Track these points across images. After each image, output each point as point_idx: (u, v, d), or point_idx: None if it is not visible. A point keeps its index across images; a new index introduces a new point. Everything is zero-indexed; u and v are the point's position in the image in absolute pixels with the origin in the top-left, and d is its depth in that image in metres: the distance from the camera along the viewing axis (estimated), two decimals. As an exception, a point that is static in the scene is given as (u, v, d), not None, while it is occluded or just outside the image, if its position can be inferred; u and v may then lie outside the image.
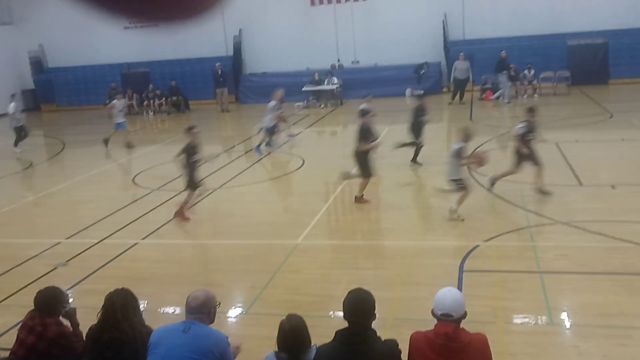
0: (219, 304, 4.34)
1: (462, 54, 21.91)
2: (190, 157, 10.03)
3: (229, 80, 25.36)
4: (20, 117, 18.42)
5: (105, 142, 17.65)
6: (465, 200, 9.19)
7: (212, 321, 4.22)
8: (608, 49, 23.04)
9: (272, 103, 16.09)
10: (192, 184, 10.18)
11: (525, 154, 10.02)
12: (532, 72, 22.29)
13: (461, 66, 21.63)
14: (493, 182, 10.48)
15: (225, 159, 15.68)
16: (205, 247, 9.16)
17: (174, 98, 25.41)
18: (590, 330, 5.97)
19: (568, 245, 8.20)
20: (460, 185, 9.21)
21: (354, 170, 10.76)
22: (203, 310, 4.14)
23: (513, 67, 22.31)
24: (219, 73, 24.62)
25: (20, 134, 18.25)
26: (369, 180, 10.38)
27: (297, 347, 4.06)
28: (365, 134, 10.41)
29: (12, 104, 18.22)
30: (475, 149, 10.60)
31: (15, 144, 18.22)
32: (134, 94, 26.17)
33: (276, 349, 4.15)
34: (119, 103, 18.11)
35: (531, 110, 10.36)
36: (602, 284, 6.96)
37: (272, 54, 26.35)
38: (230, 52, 26.97)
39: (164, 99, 25.57)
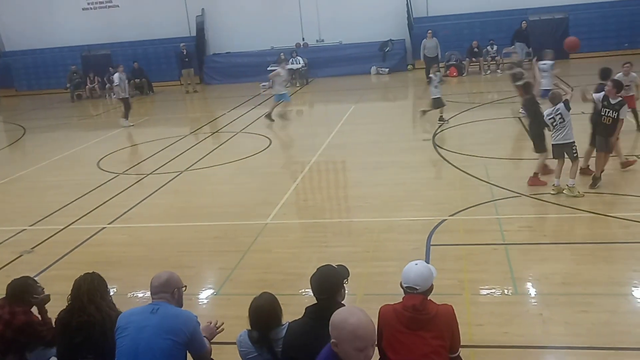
0: (185, 287, 4.33)
1: (430, 31, 21.92)
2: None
3: (194, 61, 25.02)
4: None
5: (269, 116, 16.24)
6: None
7: (178, 303, 4.19)
8: (568, 24, 23.38)
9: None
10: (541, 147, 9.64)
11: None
12: (495, 48, 22.53)
13: (430, 44, 21.68)
14: (627, 165, 9.96)
15: (192, 141, 15.53)
16: (173, 230, 9.11)
17: (137, 80, 24.95)
18: (553, 298, 6.15)
19: (532, 217, 8.40)
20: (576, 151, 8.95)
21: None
22: (166, 289, 4.12)
23: (476, 44, 22.51)
24: (184, 53, 24.24)
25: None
26: (545, 157, 9.61)
27: (268, 324, 4.10)
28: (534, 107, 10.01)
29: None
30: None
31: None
32: (96, 77, 25.63)
33: (249, 328, 4.19)
34: (284, 71, 16.64)
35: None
36: (565, 253, 7.16)
37: (236, 33, 26.04)
38: (193, 32, 26.56)
39: (126, 81, 25.05)
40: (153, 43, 26.78)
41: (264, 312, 4.12)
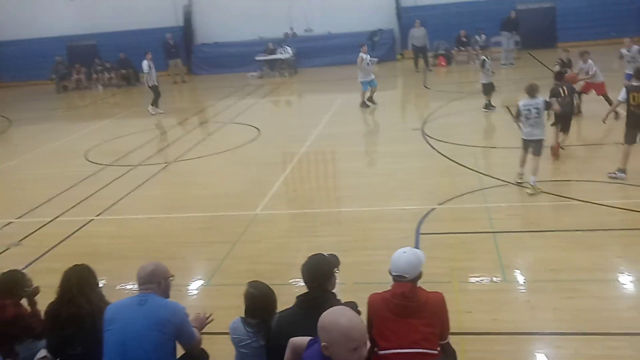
0: (173, 277, 4.31)
1: (417, 21, 21.90)
2: None
3: (182, 51, 24.85)
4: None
5: (364, 104, 15.89)
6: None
7: (165, 294, 4.17)
8: (556, 13, 23.45)
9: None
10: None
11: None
12: (483, 37, 22.56)
13: (417, 33, 21.67)
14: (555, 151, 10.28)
15: (180, 132, 15.46)
16: (162, 221, 9.08)
17: (124, 71, 24.76)
18: (541, 285, 6.21)
19: (519, 205, 8.46)
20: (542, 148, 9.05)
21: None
22: (152, 280, 4.10)
23: (464, 33, 22.53)
24: (171, 44, 24.05)
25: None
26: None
27: (267, 312, 4.13)
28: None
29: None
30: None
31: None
32: (82, 68, 25.39)
33: (242, 316, 4.20)
34: (366, 56, 16.08)
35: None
36: (552, 240, 7.22)
37: (224, 23, 25.87)
38: (180, 22, 26.37)
39: (113, 72, 24.90)
40: (140, 33, 26.52)
41: (263, 300, 4.14)
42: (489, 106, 14.21)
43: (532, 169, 8.83)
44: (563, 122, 10.55)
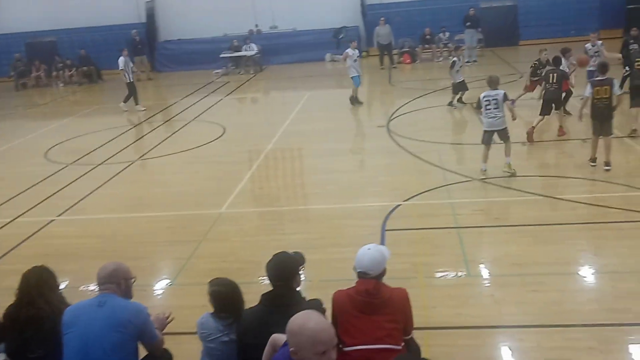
0: (134, 278, 4.24)
1: (382, 19, 22.01)
2: None
3: (145, 48, 24.48)
4: None
5: (353, 100, 15.45)
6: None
7: (126, 295, 4.09)
8: (518, 11, 23.85)
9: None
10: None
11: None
12: (447, 34, 22.80)
13: (382, 31, 21.78)
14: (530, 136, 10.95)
15: (144, 130, 15.24)
16: (126, 221, 8.93)
17: (85, 68, 24.28)
18: (505, 279, 6.31)
19: (483, 201, 8.58)
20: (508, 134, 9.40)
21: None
22: (112, 279, 4.02)
23: (428, 31, 22.73)
24: (137, 40, 23.64)
25: None
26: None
27: (237, 306, 4.10)
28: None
29: None
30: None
31: None
32: (41, 65, 24.79)
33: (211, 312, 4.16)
34: (353, 52, 15.35)
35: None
36: (515, 235, 7.34)
37: (188, 19, 25.57)
38: (143, 19, 25.97)
39: (74, 69, 24.39)
40: (101, 30, 26.04)
41: (230, 296, 4.12)
42: (453, 103, 14.36)
43: (505, 151, 9.30)
44: (546, 106, 11.17)
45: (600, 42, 13.46)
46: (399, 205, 8.49)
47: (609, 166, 9.15)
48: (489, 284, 6.32)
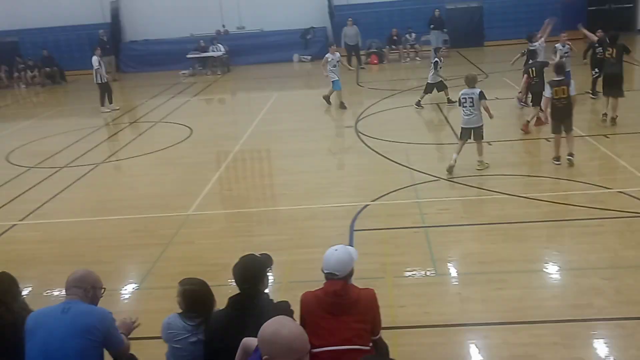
0: (104, 289, 4.15)
1: (350, 19, 22.05)
2: None
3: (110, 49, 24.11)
4: None
5: (342, 105, 15.06)
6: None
7: (92, 302, 4.00)
8: (483, 12, 24.19)
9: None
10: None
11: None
12: (413, 35, 23.00)
13: (350, 32, 21.83)
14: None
15: (109, 132, 15.00)
16: (90, 225, 8.77)
17: (48, 69, 23.79)
18: (471, 277, 6.39)
19: (449, 200, 8.67)
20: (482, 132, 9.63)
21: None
22: (79, 285, 3.94)
23: (395, 32, 22.89)
24: (105, 40, 23.22)
25: None
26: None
27: (207, 305, 4.07)
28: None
29: None
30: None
31: None
32: (2, 66, 24.21)
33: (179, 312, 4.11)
34: (333, 57, 14.94)
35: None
36: (481, 233, 7.45)
37: (154, 20, 25.29)
38: (108, 19, 25.58)
39: (36, 70, 23.87)
40: (64, 30, 25.56)
41: (201, 294, 4.10)
42: (419, 103, 14.49)
43: (477, 150, 9.58)
44: (534, 98, 11.67)
45: (569, 44, 13.54)
46: (367, 205, 8.53)
47: (572, 156, 9.38)
48: (456, 283, 6.39)
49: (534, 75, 11.66)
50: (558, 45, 13.49)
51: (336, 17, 24.39)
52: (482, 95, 9.37)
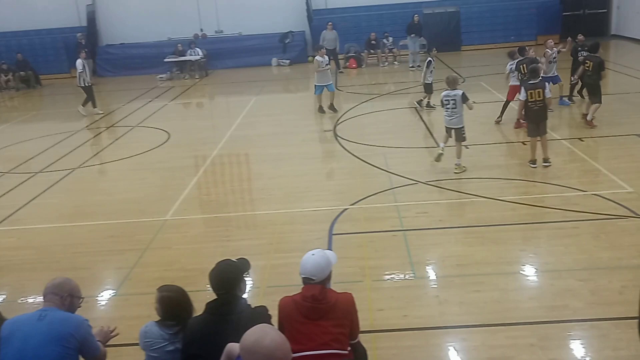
0: (82, 299, 4.10)
1: (329, 24, 22.05)
2: None
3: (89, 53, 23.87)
4: None
5: (320, 109, 15.20)
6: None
7: (69, 310, 3.95)
8: (460, 17, 24.43)
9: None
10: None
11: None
12: (391, 40, 23.12)
13: (329, 36, 21.85)
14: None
15: (85, 136, 14.83)
16: (66, 230, 8.65)
17: (22, 73, 23.45)
18: (449, 280, 6.43)
19: (427, 203, 8.71)
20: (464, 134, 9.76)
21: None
22: (57, 292, 3.90)
23: (374, 36, 22.99)
24: (83, 44, 22.94)
25: None
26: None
27: (185, 313, 4.03)
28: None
29: None
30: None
31: None
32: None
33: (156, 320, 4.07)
34: (322, 60, 15.03)
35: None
36: (459, 236, 7.50)
37: (130, 23, 25.10)
38: (84, 22, 25.32)
39: (10, 74, 23.51)
40: (39, 33, 25.24)
41: (179, 301, 4.05)
42: (420, 103, 14.56)
43: (456, 152, 9.74)
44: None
45: (557, 49, 13.60)
46: (346, 209, 8.54)
47: (548, 162, 9.54)
48: (434, 285, 6.42)
49: (524, 72, 11.73)
50: (548, 50, 13.67)
51: (314, 21, 24.44)
52: (464, 97, 9.48)
